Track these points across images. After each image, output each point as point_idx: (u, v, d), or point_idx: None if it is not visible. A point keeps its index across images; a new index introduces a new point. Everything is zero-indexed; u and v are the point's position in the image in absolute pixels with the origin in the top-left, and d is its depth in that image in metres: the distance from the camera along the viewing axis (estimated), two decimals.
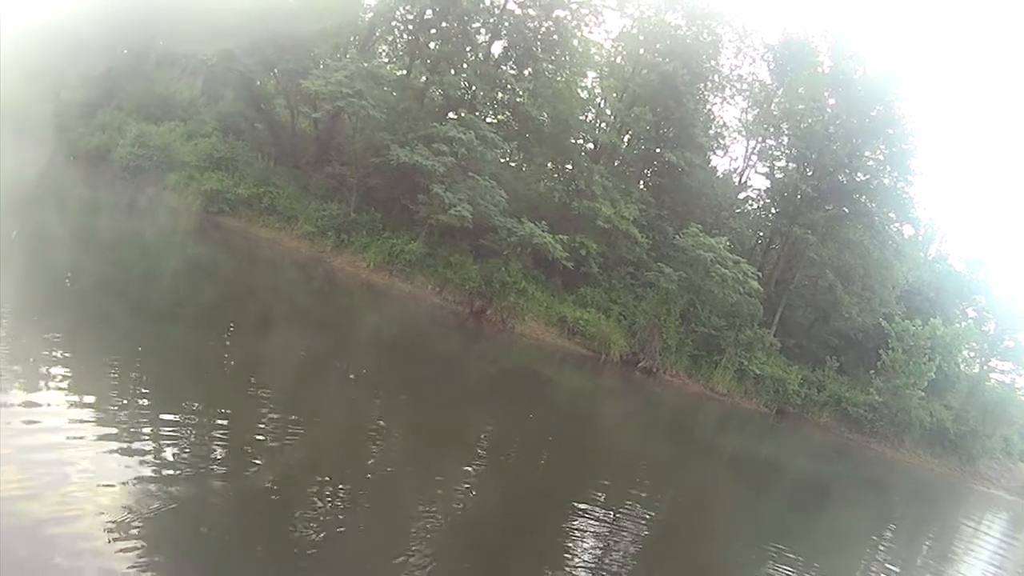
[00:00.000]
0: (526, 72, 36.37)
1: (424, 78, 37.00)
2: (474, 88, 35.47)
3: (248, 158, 34.37)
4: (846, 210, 42.09)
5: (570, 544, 10.45)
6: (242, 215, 31.78)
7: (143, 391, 10.26)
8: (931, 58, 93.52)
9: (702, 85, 40.74)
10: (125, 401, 9.57)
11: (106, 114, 34.59)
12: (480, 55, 36.56)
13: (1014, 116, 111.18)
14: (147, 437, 8.52)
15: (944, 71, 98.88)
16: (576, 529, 11.28)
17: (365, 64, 32.58)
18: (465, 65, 36.34)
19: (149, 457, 7.98)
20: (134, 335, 12.63)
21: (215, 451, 8.85)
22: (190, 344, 13.71)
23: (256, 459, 9.15)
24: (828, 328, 43.98)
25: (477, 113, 34.94)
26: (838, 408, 39.54)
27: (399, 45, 40.04)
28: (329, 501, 8.85)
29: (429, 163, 29.94)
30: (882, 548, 18.64)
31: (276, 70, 35.17)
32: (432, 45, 36.96)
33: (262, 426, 10.36)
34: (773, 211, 45.86)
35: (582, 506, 12.42)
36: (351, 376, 16.83)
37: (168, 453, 8.26)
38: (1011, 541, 27.55)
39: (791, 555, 13.51)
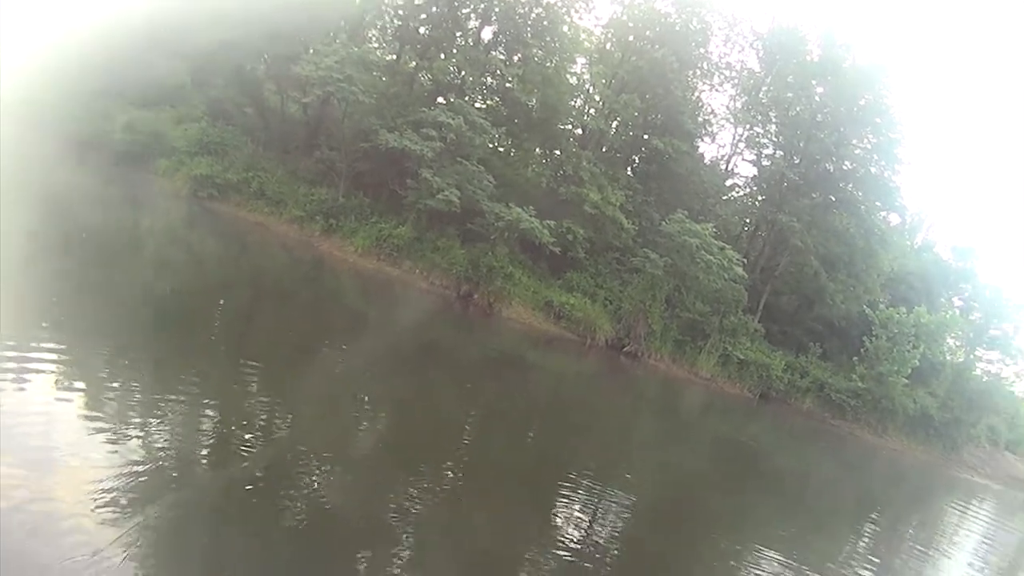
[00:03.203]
0: (516, 58, 36.87)
1: (414, 63, 37.64)
2: (463, 73, 36.06)
3: (237, 143, 34.86)
4: (832, 198, 43.03)
5: (553, 527, 10.71)
6: (231, 200, 32.24)
7: (130, 375, 10.40)
8: (919, 48, 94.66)
9: (691, 72, 41.28)
10: (114, 385, 9.84)
11: (100, 101, 34.70)
12: (470, 40, 37.02)
13: (1001, 107, 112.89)
14: (136, 422, 8.73)
15: (932, 61, 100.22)
16: (559, 513, 11.56)
17: (355, 49, 32.75)
18: (455, 50, 36.62)
19: (138, 442, 8.17)
20: (121, 321, 12.80)
21: (204, 434, 9.09)
22: (178, 328, 13.93)
23: (243, 443, 9.33)
24: (812, 315, 44.77)
25: (466, 98, 35.37)
26: (821, 394, 40.29)
27: (389, 30, 40.20)
28: (316, 484, 9.01)
29: (418, 148, 30.49)
30: (865, 535, 19.09)
31: (266, 55, 35.58)
32: (422, 30, 37.35)
33: (249, 410, 10.57)
34: (759, 198, 46.70)
35: (565, 490, 12.77)
36: (343, 347, 17.31)
37: (157, 437, 8.48)
38: (995, 531, 27.87)
39: (773, 540, 13.90)
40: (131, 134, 32.87)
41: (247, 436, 9.51)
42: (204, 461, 8.42)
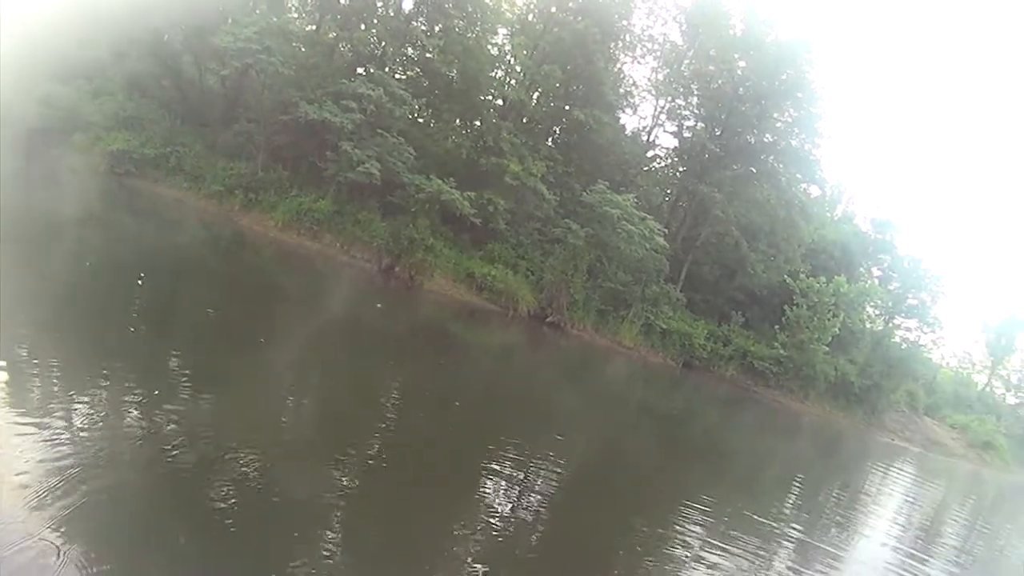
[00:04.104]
0: (437, 28, 36.45)
1: (334, 34, 36.93)
2: (384, 44, 35.70)
3: (155, 117, 33.91)
4: (753, 170, 43.89)
5: (481, 501, 10.66)
6: (149, 175, 31.46)
7: (46, 360, 10.00)
8: (840, 24, 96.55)
9: (613, 44, 41.40)
10: (32, 372, 9.47)
11: (12, 75, 33.58)
12: (390, 11, 36.36)
13: (918, 84, 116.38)
14: (57, 408, 8.46)
15: (853, 37, 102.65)
16: (487, 487, 11.51)
17: (275, 19, 32.32)
18: (375, 20, 36.03)
19: (60, 428, 7.98)
20: (34, 305, 12.23)
21: (126, 419, 8.82)
22: (95, 310, 13.46)
23: (165, 427, 8.96)
24: (734, 284, 45.84)
25: (387, 69, 35.08)
26: (744, 362, 41.57)
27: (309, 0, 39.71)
28: (241, 467, 8.74)
29: (338, 120, 30.33)
30: (791, 496, 19.55)
31: (183, 26, 34.52)
32: (343, 0, 36.68)
33: (173, 395, 10.18)
34: (680, 169, 47.25)
35: (493, 463, 12.67)
36: (263, 325, 16.79)
37: (80, 423, 8.30)
38: (918, 490, 29.25)
39: (700, 504, 13.98)
40: (47, 108, 31.81)
41: (169, 420, 9.24)
42: (128, 445, 8.25)
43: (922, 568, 14.78)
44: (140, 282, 16.38)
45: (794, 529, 14.96)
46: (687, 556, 10.93)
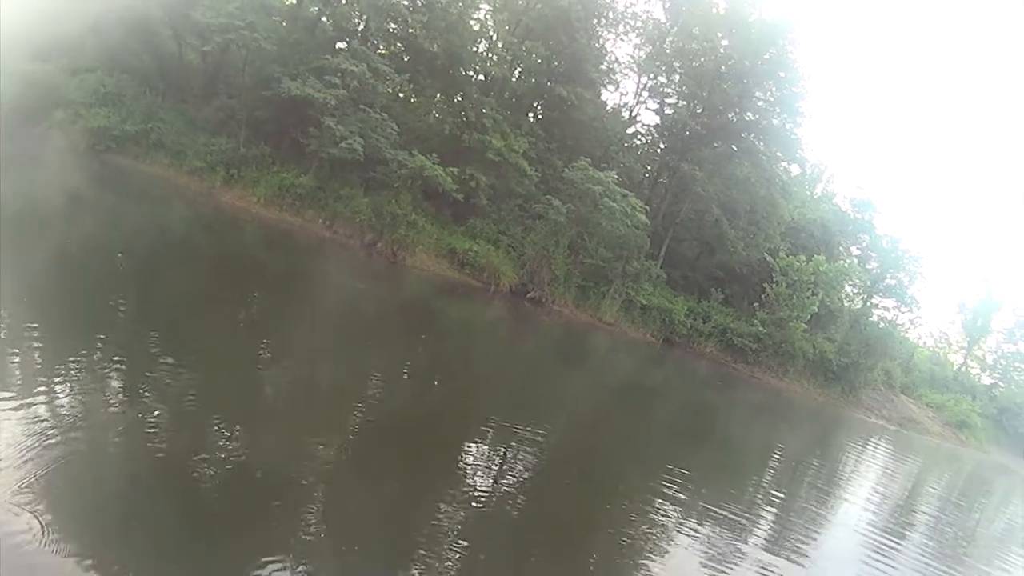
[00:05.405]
0: (419, 3, 36.13)
1: (315, 8, 36.75)
2: (367, 18, 35.47)
3: (135, 93, 33.63)
4: (734, 148, 44.40)
5: (462, 476, 10.78)
6: (130, 152, 31.31)
7: (28, 340, 9.95)
8: (823, 3, 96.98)
9: (596, 21, 41.37)
10: (13, 350, 9.39)
11: None
12: None
13: (900, 63, 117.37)
14: (38, 387, 8.45)
15: (836, 16, 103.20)
16: (468, 462, 11.62)
17: None
18: None
19: (42, 407, 8.01)
20: (16, 284, 12.17)
21: (108, 397, 8.85)
22: (76, 289, 13.48)
23: (148, 404, 9.08)
24: (714, 261, 46.56)
25: (369, 44, 35.01)
26: (723, 338, 42.24)
27: None
28: (223, 444, 8.82)
29: (320, 95, 30.36)
30: (770, 470, 20.12)
31: (163, 1, 34.03)
32: None
33: (154, 370, 10.27)
34: (662, 146, 47.76)
35: (474, 438, 12.97)
36: (245, 301, 16.99)
37: (61, 402, 8.30)
38: (895, 465, 30.09)
39: (680, 479, 14.34)
40: (27, 87, 31.66)
41: (151, 397, 9.32)
42: (110, 424, 8.24)
43: (899, 543, 15.28)
44: (120, 264, 16.38)
45: (772, 502, 15.45)
46: (666, 530, 11.27)
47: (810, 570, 11.57)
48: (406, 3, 35.77)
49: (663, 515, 11.90)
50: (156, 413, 8.89)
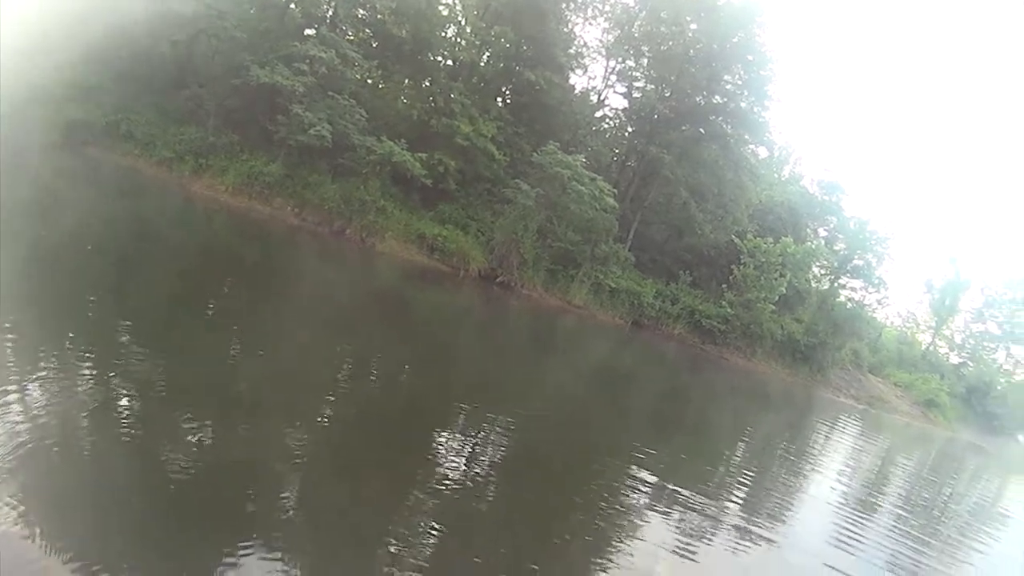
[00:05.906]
0: None
1: None
2: (335, 5, 35.60)
3: (107, 86, 33.39)
4: (702, 131, 44.85)
5: (434, 463, 10.62)
6: (101, 144, 31.17)
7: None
8: None
9: (564, 5, 41.67)
10: None
11: None
12: None
13: (866, 45, 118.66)
14: (9, 381, 8.33)
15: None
16: (439, 449, 11.47)
17: None
18: None
19: (14, 401, 7.87)
20: None
21: (80, 390, 8.73)
22: (45, 282, 13.19)
23: (119, 396, 8.98)
24: (682, 244, 47.02)
25: (338, 31, 35.01)
26: (692, 320, 42.83)
27: None
28: (195, 435, 8.73)
29: (289, 83, 30.48)
30: (740, 450, 20.20)
31: None
32: None
33: (124, 361, 10.20)
34: (630, 130, 48.22)
35: (445, 424, 12.76)
36: (214, 290, 16.92)
37: (33, 396, 8.16)
38: (864, 443, 30.58)
39: (651, 461, 14.37)
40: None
41: (122, 389, 9.24)
42: (79, 414, 8.11)
43: (871, 517, 15.57)
44: (88, 256, 16.18)
45: (743, 481, 15.68)
46: (638, 510, 11.37)
47: (780, 544, 11.66)
48: None
49: (635, 496, 12.03)
50: (125, 403, 8.92)
